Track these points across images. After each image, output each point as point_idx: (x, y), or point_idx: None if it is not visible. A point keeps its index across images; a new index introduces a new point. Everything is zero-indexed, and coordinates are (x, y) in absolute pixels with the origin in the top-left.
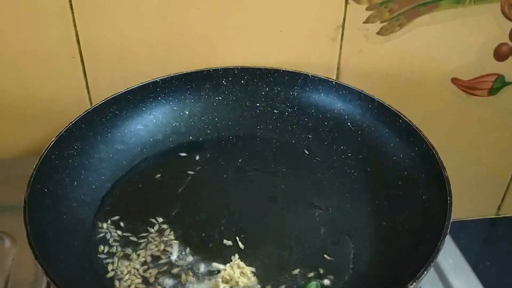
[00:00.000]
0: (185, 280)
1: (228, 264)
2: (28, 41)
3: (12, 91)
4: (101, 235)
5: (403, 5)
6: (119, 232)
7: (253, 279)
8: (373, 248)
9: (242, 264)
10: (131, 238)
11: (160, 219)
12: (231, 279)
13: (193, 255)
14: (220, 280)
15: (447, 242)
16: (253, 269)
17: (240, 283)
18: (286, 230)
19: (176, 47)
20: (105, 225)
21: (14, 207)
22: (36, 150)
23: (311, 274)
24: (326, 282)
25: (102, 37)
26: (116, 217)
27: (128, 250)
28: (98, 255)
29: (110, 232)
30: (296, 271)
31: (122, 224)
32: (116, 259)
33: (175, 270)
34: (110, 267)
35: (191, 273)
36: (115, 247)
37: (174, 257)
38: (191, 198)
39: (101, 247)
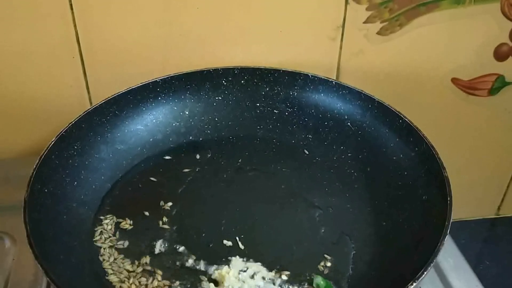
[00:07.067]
0: (185, 280)
1: (228, 265)
2: (28, 41)
3: (12, 91)
4: (101, 235)
5: (403, 5)
6: (119, 233)
7: (253, 280)
8: (373, 248)
9: (242, 265)
10: (131, 238)
11: (160, 219)
12: (228, 282)
13: (193, 255)
14: (218, 281)
15: (447, 242)
16: (255, 270)
17: (239, 284)
18: (286, 230)
19: (176, 47)
20: (105, 225)
21: (14, 207)
22: (36, 150)
23: (312, 274)
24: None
25: (102, 37)
26: (116, 217)
27: (128, 250)
28: (98, 255)
29: (110, 232)
30: (296, 271)
31: (122, 224)
32: (116, 259)
33: (175, 271)
34: (110, 267)
35: (191, 274)
36: (115, 247)
37: (174, 258)
38: (191, 198)
39: (101, 247)
